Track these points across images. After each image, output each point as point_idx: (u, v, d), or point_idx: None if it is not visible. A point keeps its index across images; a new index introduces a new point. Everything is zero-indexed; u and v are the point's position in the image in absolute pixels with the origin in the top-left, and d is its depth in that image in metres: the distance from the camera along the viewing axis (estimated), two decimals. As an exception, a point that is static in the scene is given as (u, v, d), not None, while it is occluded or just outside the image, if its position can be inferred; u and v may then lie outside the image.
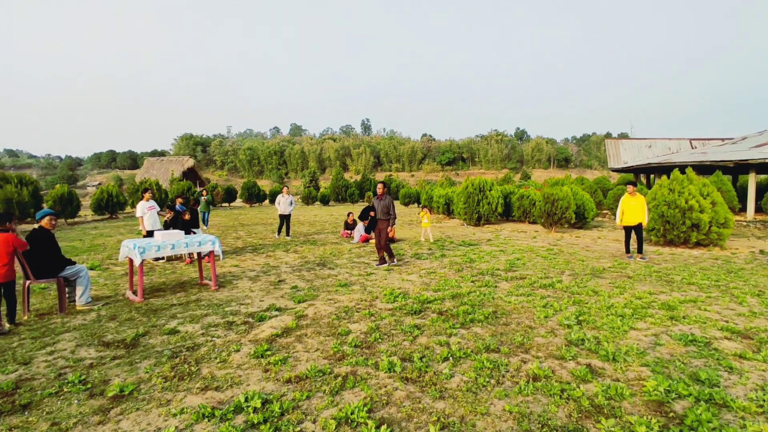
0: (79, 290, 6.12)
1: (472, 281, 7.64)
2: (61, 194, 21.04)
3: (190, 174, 48.74)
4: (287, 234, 14.32)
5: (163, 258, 9.97)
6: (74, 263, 6.30)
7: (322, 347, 4.62)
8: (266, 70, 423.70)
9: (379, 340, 4.78)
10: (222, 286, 7.44)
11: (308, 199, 41.00)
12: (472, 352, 4.40)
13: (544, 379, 3.78)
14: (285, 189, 14.64)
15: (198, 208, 18.17)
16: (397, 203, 38.43)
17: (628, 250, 10.11)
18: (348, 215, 14.83)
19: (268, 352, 4.45)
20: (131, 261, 6.86)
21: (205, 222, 18.10)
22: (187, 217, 10.14)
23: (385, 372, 3.96)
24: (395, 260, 9.38)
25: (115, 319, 5.65)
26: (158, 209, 10.70)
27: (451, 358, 4.25)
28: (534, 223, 17.61)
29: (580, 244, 12.39)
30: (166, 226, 10.30)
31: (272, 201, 40.36)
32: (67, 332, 5.19)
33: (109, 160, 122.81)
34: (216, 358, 4.35)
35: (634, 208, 9.85)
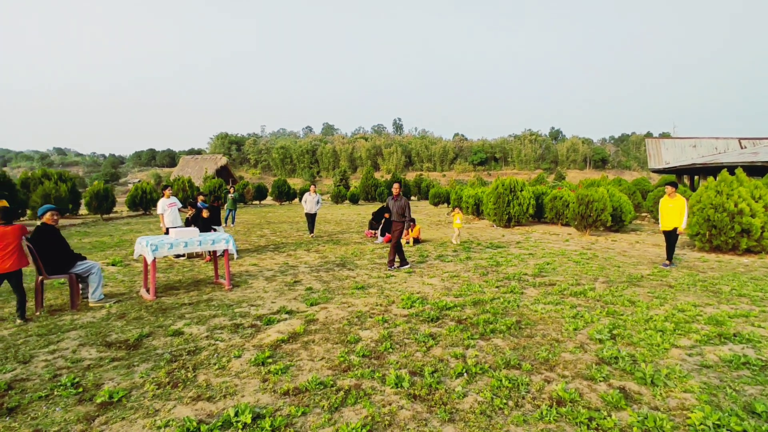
0: (91, 287, 6.06)
1: (497, 287, 7.18)
2: (98, 190, 21.68)
3: (223, 172, 49.78)
4: (311, 232, 14.14)
5: (183, 255, 9.95)
6: (85, 259, 6.25)
7: (327, 356, 4.32)
8: (300, 70, 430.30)
9: (390, 350, 4.44)
10: (236, 286, 7.27)
11: (337, 198, 41.01)
12: (489, 367, 3.99)
13: (569, 404, 3.34)
14: (312, 187, 14.46)
15: (225, 206, 18.33)
16: (426, 203, 37.93)
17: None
18: (373, 215, 14.54)
19: (270, 360, 4.18)
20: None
21: (233, 219, 18.19)
22: (205, 214, 10.07)
23: (392, 387, 3.61)
24: (394, 266, 8.74)
25: (123, 318, 5.54)
26: (180, 206, 10.70)
27: (465, 374, 3.85)
28: (567, 225, 16.81)
29: (616, 248, 11.63)
30: (188, 222, 10.28)
31: (301, 199, 40.56)
32: (73, 330, 5.10)
33: (149, 158, 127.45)
34: (215, 363, 4.11)
35: (671, 211, 9.04)
